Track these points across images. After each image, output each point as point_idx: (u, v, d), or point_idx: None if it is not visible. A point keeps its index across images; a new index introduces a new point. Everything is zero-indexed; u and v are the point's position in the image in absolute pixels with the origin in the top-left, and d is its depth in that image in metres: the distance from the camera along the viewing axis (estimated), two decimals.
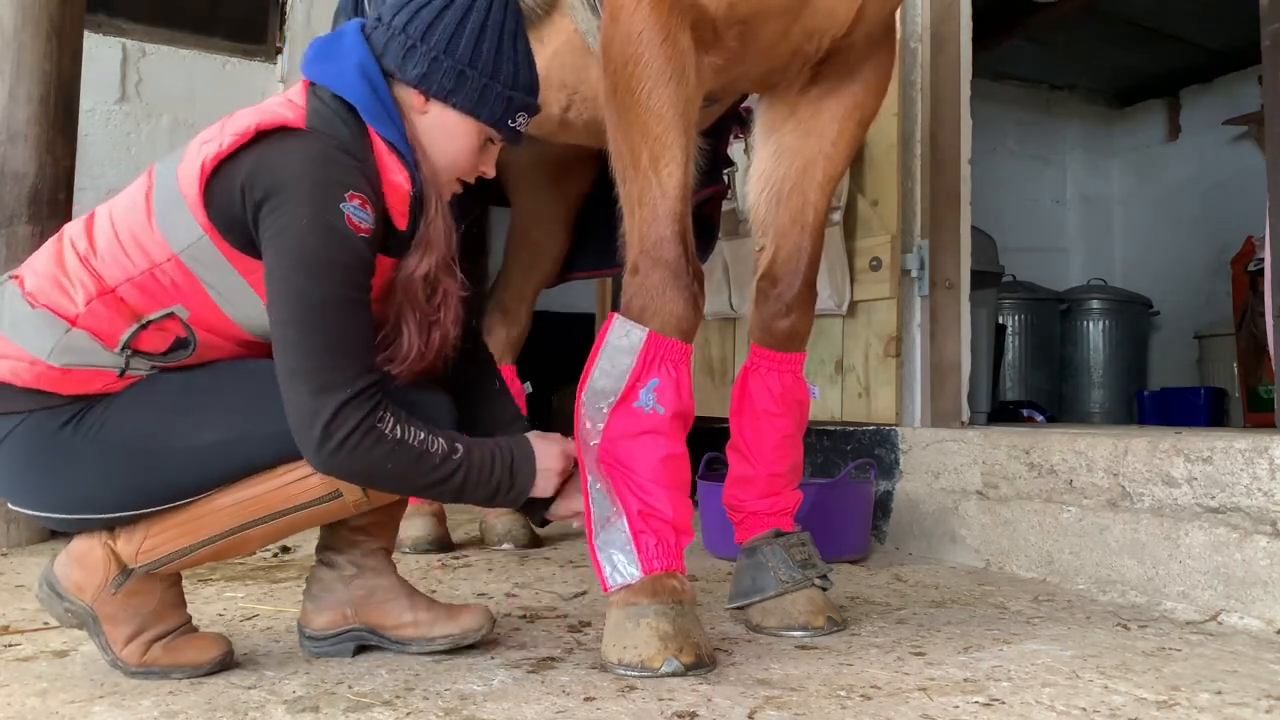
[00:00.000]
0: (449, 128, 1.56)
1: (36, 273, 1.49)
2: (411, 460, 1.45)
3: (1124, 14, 5.60)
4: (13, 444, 1.47)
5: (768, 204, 2.01)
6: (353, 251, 1.42)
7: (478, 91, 1.54)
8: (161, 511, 1.51)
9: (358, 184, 1.44)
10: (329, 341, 1.41)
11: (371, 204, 1.45)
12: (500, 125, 1.59)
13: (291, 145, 1.44)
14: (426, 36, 1.52)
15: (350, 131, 1.49)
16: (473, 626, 1.72)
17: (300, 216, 1.40)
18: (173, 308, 1.46)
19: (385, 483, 1.49)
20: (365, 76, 1.51)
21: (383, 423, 1.42)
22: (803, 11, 1.76)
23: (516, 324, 3.05)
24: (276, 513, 1.53)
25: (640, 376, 1.68)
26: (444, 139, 1.57)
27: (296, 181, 1.41)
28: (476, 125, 1.57)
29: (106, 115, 4.37)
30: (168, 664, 1.57)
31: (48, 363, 1.44)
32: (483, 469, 1.53)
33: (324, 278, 1.40)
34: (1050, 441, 2.60)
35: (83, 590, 1.54)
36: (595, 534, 1.70)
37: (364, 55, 1.53)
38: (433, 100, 1.55)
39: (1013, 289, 5.78)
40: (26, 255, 2.76)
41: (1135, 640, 1.86)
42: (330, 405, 1.39)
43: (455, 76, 1.53)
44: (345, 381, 1.40)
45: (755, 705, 1.46)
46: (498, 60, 1.55)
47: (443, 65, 1.52)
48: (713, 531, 2.80)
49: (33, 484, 1.50)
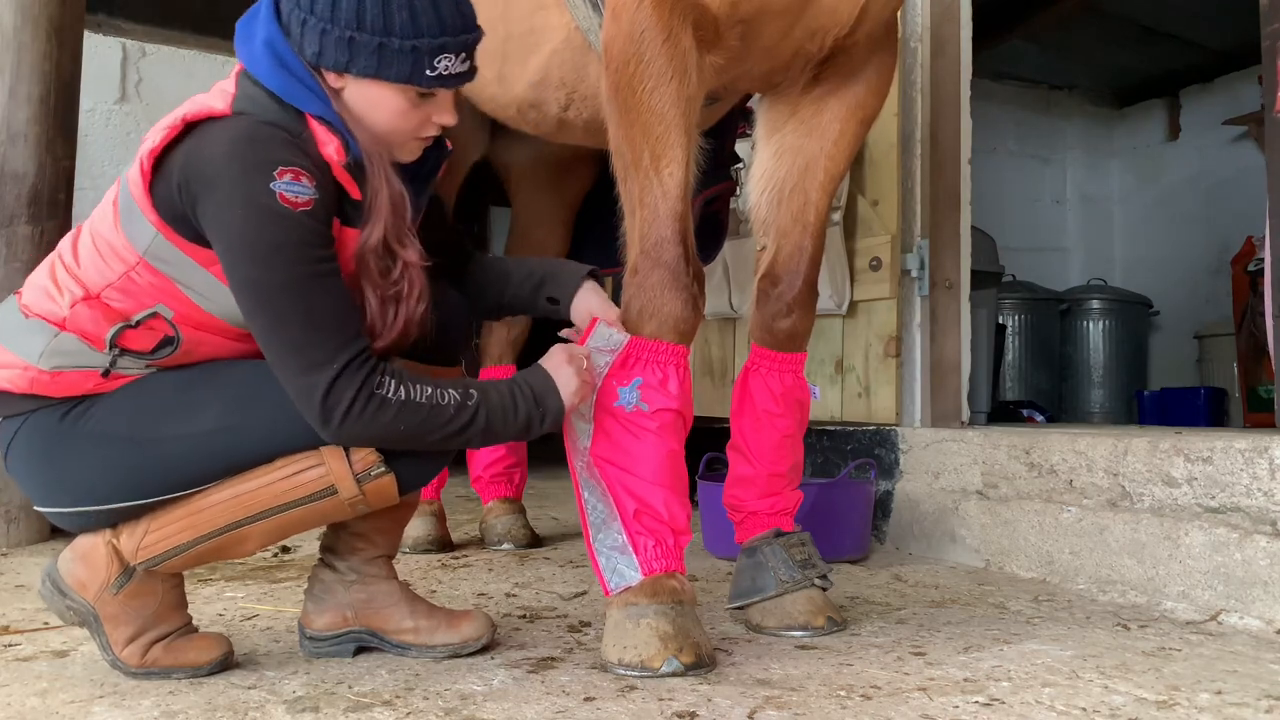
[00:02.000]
0: (368, 96, 1.48)
1: (32, 286, 1.55)
2: (423, 417, 1.44)
3: (1124, 14, 5.60)
4: (20, 442, 1.52)
5: (769, 203, 2.01)
6: (295, 228, 1.39)
7: (374, 54, 1.44)
8: (163, 505, 1.52)
9: (287, 158, 1.40)
10: (299, 322, 1.40)
11: (309, 174, 1.41)
12: (416, 80, 1.46)
13: (216, 132, 1.42)
14: (314, 6, 1.44)
15: (280, 108, 1.46)
16: (472, 635, 1.72)
17: (233, 206, 1.39)
18: (155, 308, 1.48)
19: (407, 442, 1.48)
20: (274, 54, 1.46)
21: (382, 387, 1.42)
22: (805, 11, 1.76)
23: (516, 323, 3.04)
24: (272, 509, 1.52)
25: (623, 376, 1.68)
26: (369, 108, 1.49)
27: (224, 169, 1.39)
28: (393, 87, 1.47)
29: (106, 115, 4.37)
30: (168, 664, 1.57)
31: (39, 367, 1.48)
32: (505, 408, 1.51)
33: (273, 262, 1.39)
34: (1050, 441, 2.60)
35: (85, 588, 1.55)
36: (593, 536, 1.70)
37: (272, 32, 1.47)
38: (340, 74, 1.47)
39: (1013, 289, 5.79)
40: (27, 255, 2.80)
41: (1135, 640, 1.86)
42: (322, 382, 1.39)
43: (346, 45, 1.44)
44: (328, 356, 1.40)
45: (755, 705, 1.46)
46: (387, 12, 1.43)
47: (332, 36, 1.43)
48: (713, 531, 2.79)
49: (40, 477, 1.53)
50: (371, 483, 1.53)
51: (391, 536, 1.76)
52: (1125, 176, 7.13)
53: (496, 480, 2.96)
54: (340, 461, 1.51)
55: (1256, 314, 4.66)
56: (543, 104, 2.24)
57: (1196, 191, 6.51)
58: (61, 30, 2.92)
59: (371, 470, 1.52)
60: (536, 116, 2.30)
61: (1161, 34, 5.88)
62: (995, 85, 6.48)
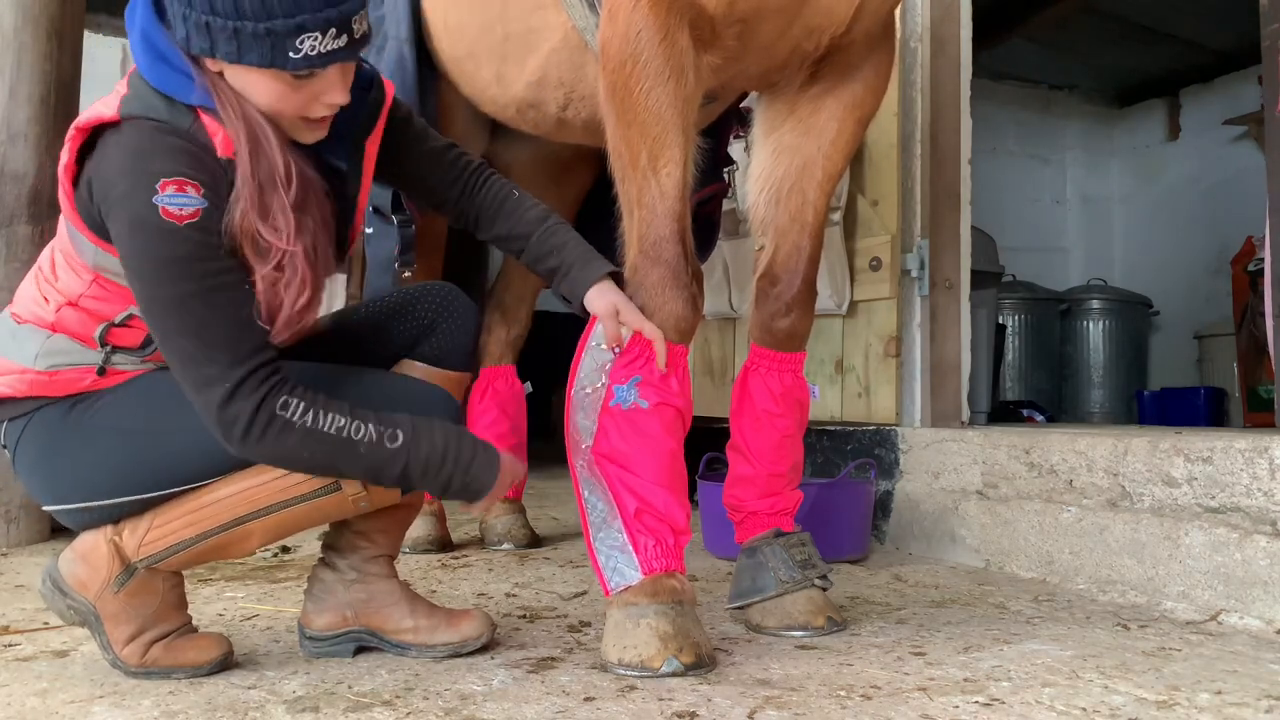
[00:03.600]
0: (242, 82, 1.41)
1: (20, 297, 1.57)
2: (329, 448, 1.41)
3: (1124, 14, 5.61)
4: (27, 438, 1.53)
5: (767, 203, 2.01)
6: (180, 242, 1.36)
7: (231, 39, 1.36)
8: (167, 501, 1.53)
9: (171, 168, 1.36)
10: (191, 337, 1.38)
11: (195, 182, 1.37)
12: (280, 64, 1.37)
13: (109, 146, 1.40)
14: None
15: (167, 104, 1.42)
16: (472, 635, 1.71)
17: (121, 223, 1.38)
18: (130, 309, 1.49)
19: (313, 470, 1.47)
20: (150, 45, 1.41)
21: (286, 409, 1.38)
22: (802, 10, 1.76)
23: (516, 324, 3.05)
24: (277, 504, 1.53)
25: (620, 374, 1.68)
26: (251, 92, 1.41)
27: (114, 185, 1.38)
28: (260, 71, 1.38)
29: None
30: (168, 664, 1.57)
31: (35, 369, 1.50)
32: (430, 463, 1.47)
33: (160, 278, 1.37)
34: (1050, 441, 2.60)
35: (86, 587, 1.55)
36: (593, 536, 1.70)
37: (146, 21, 1.42)
38: (211, 59, 1.39)
39: (1013, 289, 5.79)
40: (27, 255, 2.80)
41: (1135, 640, 1.86)
42: (216, 398, 1.37)
43: (205, 31, 1.36)
44: (220, 373, 1.37)
45: (755, 705, 1.46)
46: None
47: (191, 21, 1.36)
48: (713, 531, 2.79)
49: (47, 473, 1.54)
50: None
51: (393, 536, 1.76)
52: (1125, 176, 7.13)
53: None
54: None
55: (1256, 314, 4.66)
56: (542, 104, 2.24)
57: (1196, 191, 6.52)
58: (61, 30, 2.92)
59: None
60: (536, 116, 2.30)
61: (1161, 34, 5.88)
62: (995, 85, 6.48)
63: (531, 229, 1.74)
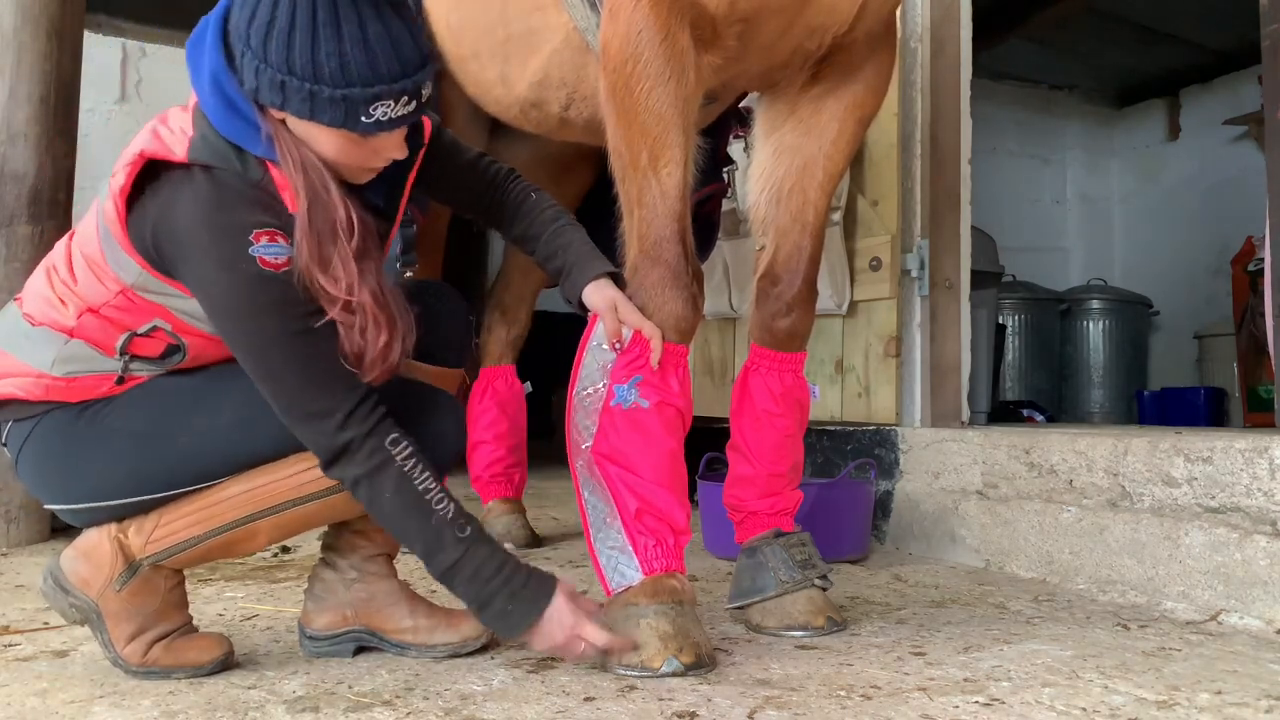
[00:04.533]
0: (308, 135, 1.41)
1: (33, 295, 1.56)
2: (412, 503, 1.44)
3: (1124, 14, 5.61)
4: (34, 442, 1.53)
5: (768, 203, 2.01)
6: (281, 287, 1.39)
7: (306, 99, 1.35)
8: (175, 499, 1.53)
9: (258, 218, 1.38)
10: (296, 374, 1.42)
11: (282, 232, 1.39)
12: (350, 126, 1.38)
13: (182, 194, 1.39)
14: (250, 40, 1.36)
15: (238, 154, 1.42)
16: (472, 635, 1.71)
17: (213, 271, 1.39)
18: (154, 321, 1.49)
19: (381, 518, 1.48)
20: (220, 91, 1.40)
21: (394, 445, 1.43)
22: (804, 9, 1.76)
23: (516, 324, 3.05)
24: (286, 503, 1.54)
25: (621, 374, 1.68)
26: (312, 142, 1.42)
27: (196, 236, 1.38)
28: (329, 129, 1.39)
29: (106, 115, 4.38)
30: (169, 664, 1.57)
31: (51, 374, 1.50)
32: (483, 566, 1.47)
33: (262, 321, 1.40)
34: (1050, 441, 2.60)
35: (88, 585, 1.55)
36: (593, 536, 1.70)
37: (217, 64, 1.40)
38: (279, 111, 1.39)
39: (1013, 289, 5.79)
40: (27, 255, 2.80)
41: (1135, 640, 1.86)
42: (329, 426, 1.42)
43: (279, 88, 1.35)
44: (333, 405, 1.41)
45: (755, 705, 1.46)
46: (315, 60, 1.33)
47: (265, 75, 1.36)
48: (713, 531, 2.79)
49: (54, 475, 1.55)
50: None
51: (392, 536, 1.76)
52: (1125, 176, 7.13)
53: (496, 480, 2.96)
54: None
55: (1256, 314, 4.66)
56: (544, 104, 2.24)
57: (1196, 191, 6.52)
58: (61, 30, 2.92)
59: None
60: (538, 116, 2.30)
61: (1161, 34, 5.88)
62: (995, 85, 6.48)
63: (543, 229, 1.77)
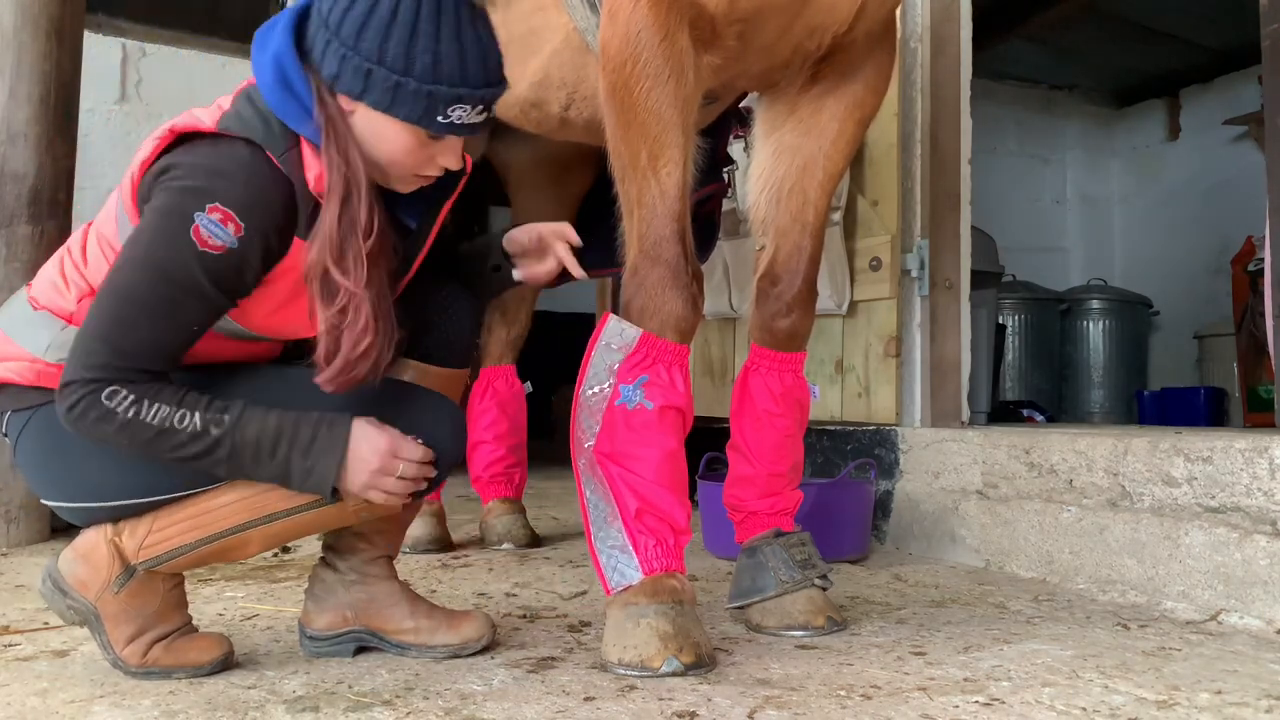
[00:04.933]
0: (376, 128, 1.44)
1: (42, 279, 1.55)
2: (148, 438, 1.38)
3: (1124, 14, 5.60)
4: (29, 436, 1.53)
5: (768, 203, 2.01)
6: (180, 261, 1.37)
7: (390, 90, 1.40)
8: (167, 505, 1.52)
9: (234, 199, 1.38)
10: (115, 324, 1.38)
11: (246, 225, 1.38)
12: (426, 123, 1.43)
13: (197, 146, 1.42)
14: (340, 29, 1.40)
15: (266, 129, 1.43)
16: (473, 636, 1.71)
17: (153, 211, 1.39)
18: None
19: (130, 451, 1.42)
20: (279, 69, 1.43)
21: (111, 399, 1.36)
22: (804, 9, 1.76)
23: (516, 324, 3.05)
24: (279, 513, 1.52)
25: (628, 374, 1.68)
26: (375, 138, 1.45)
27: (177, 175, 1.40)
28: (402, 124, 1.44)
29: (106, 115, 4.38)
30: (169, 664, 1.57)
31: (45, 360, 1.49)
32: (260, 447, 1.40)
33: (139, 267, 1.39)
34: (1050, 441, 2.60)
35: (86, 587, 1.55)
36: (594, 536, 1.70)
37: (283, 46, 1.43)
38: (353, 100, 1.43)
39: (1013, 289, 5.79)
40: (27, 255, 2.80)
41: (1135, 640, 1.86)
42: (77, 373, 1.37)
43: (364, 75, 1.40)
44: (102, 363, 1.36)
45: (755, 705, 1.46)
46: (410, 53, 1.39)
47: (351, 62, 1.40)
48: (713, 531, 2.79)
49: (49, 473, 1.54)
50: None
51: (393, 538, 1.76)
52: (1125, 176, 7.13)
53: (496, 480, 2.97)
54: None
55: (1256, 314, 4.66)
56: (544, 104, 2.24)
57: (1196, 191, 6.52)
58: (61, 30, 2.92)
59: None
60: (539, 116, 2.30)
61: (1161, 34, 5.88)
62: (995, 85, 6.48)
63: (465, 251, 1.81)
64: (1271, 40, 2.32)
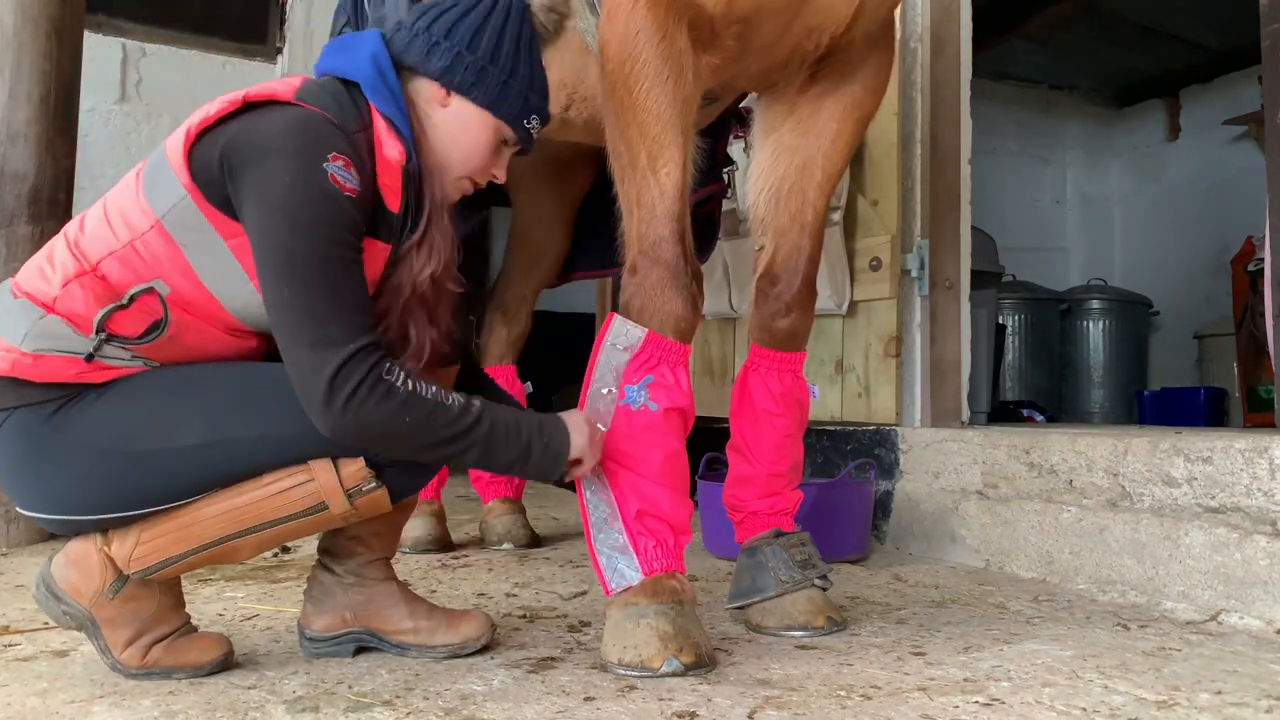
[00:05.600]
0: (468, 122, 1.59)
1: (29, 265, 1.52)
2: (427, 412, 1.41)
3: (1124, 14, 5.60)
4: (2, 440, 1.47)
5: (767, 203, 2.01)
6: (339, 209, 1.41)
7: (498, 87, 1.58)
8: (152, 517, 1.49)
9: (340, 147, 1.43)
10: (325, 297, 1.39)
11: (356, 168, 1.44)
12: (516, 124, 1.62)
13: (273, 113, 1.45)
14: (450, 35, 1.57)
15: (340, 106, 1.49)
16: (472, 635, 1.71)
17: (282, 173, 1.39)
18: (153, 282, 1.45)
19: (401, 440, 1.43)
20: (375, 63, 1.55)
21: (390, 374, 1.40)
22: (802, 9, 1.76)
23: (517, 324, 3.05)
24: (264, 524, 1.50)
25: (633, 375, 1.68)
26: (461, 133, 1.59)
27: (277, 143, 1.41)
28: (494, 122, 1.60)
29: (106, 115, 4.37)
30: (169, 665, 1.56)
31: (20, 349, 1.43)
32: (508, 427, 1.50)
33: (313, 235, 1.39)
34: (1050, 441, 2.60)
35: (80, 593, 1.53)
36: (594, 536, 1.70)
37: (378, 49, 1.57)
38: (454, 94, 1.58)
39: (1013, 289, 5.78)
40: (27, 255, 2.79)
41: (1135, 640, 1.86)
42: (334, 359, 1.36)
43: (477, 71, 1.57)
44: (347, 335, 1.38)
45: (755, 705, 1.46)
46: (515, 61, 1.60)
47: (465, 60, 1.56)
48: (713, 531, 2.79)
49: (22, 482, 1.49)
50: (363, 497, 1.52)
51: (389, 539, 1.75)
52: (1125, 176, 7.13)
53: (496, 480, 2.97)
54: (330, 475, 1.49)
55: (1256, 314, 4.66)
56: None
57: (1196, 191, 6.51)
58: (61, 30, 2.91)
59: (362, 486, 1.51)
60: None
61: (1161, 34, 5.88)
62: (995, 85, 6.48)
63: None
64: (1271, 40, 2.32)
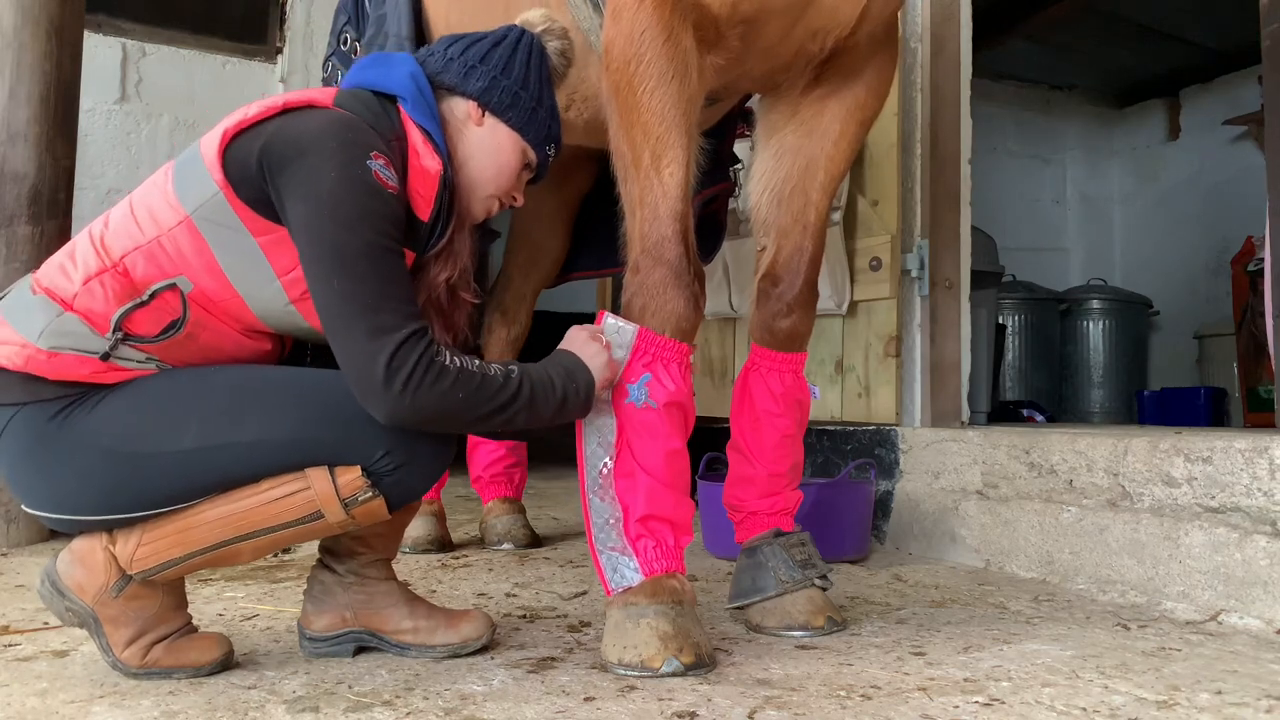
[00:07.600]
0: (500, 142, 1.66)
1: (51, 262, 1.53)
2: (477, 384, 1.45)
3: (1124, 14, 5.60)
4: (8, 437, 1.48)
5: (769, 204, 2.01)
6: (384, 202, 1.45)
7: (528, 112, 1.67)
8: (154, 519, 1.50)
9: (380, 147, 1.49)
10: (375, 287, 1.42)
11: (396, 169, 1.50)
12: (540, 148, 1.70)
13: (313, 115, 1.50)
14: (485, 60, 1.66)
15: (377, 115, 1.54)
16: (472, 635, 1.72)
17: (328, 170, 1.43)
18: (176, 279, 1.46)
19: (456, 416, 1.46)
20: (414, 80, 1.62)
21: (441, 355, 1.44)
22: (806, 11, 1.76)
23: (516, 324, 3.04)
24: (261, 530, 1.51)
25: (631, 373, 1.68)
26: (492, 152, 1.65)
27: (321, 141, 1.45)
28: (522, 144, 1.67)
29: (106, 115, 4.37)
30: (169, 665, 1.56)
31: (36, 345, 1.43)
32: (544, 383, 1.54)
33: (361, 227, 1.42)
34: (1050, 441, 2.60)
35: (84, 591, 1.53)
36: (595, 536, 1.70)
37: (415, 69, 1.64)
38: (489, 114, 1.65)
39: (1013, 289, 5.79)
40: (27, 255, 2.80)
41: (1135, 640, 1.86)
42: (389, 345, 1.40)
43: (512, 95, 1.65)
44: (398, 322, 1.41)
45: (755, 705, 1.46)
46: (541, 91, 1.69)
47: (501, 84, 1.65)
48: (713, 531, 2.80)
49: (26, 480, 1.50)
50: (359, 507, 1.52)
51: (390, 540, 1.75)
52: (1125, 176, 7.13)
53: (496, 480, 2.96)
54: (326, 484, 1.49)
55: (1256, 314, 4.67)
56: None
57: (1196, 191, 6.52)
58: (61, 30, 2.91)
59: (359, 495, 1.51)
60: None
61: (1161, 34, 5.88)
62: (995, 85, 6.48)
63: None
64: (1271, 40, 2.32)
